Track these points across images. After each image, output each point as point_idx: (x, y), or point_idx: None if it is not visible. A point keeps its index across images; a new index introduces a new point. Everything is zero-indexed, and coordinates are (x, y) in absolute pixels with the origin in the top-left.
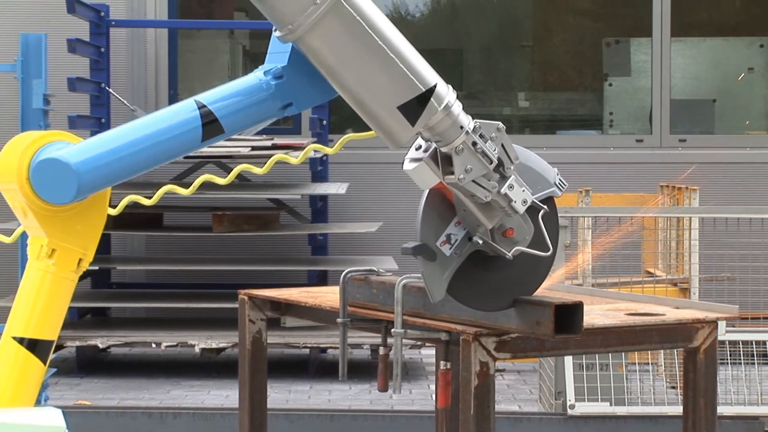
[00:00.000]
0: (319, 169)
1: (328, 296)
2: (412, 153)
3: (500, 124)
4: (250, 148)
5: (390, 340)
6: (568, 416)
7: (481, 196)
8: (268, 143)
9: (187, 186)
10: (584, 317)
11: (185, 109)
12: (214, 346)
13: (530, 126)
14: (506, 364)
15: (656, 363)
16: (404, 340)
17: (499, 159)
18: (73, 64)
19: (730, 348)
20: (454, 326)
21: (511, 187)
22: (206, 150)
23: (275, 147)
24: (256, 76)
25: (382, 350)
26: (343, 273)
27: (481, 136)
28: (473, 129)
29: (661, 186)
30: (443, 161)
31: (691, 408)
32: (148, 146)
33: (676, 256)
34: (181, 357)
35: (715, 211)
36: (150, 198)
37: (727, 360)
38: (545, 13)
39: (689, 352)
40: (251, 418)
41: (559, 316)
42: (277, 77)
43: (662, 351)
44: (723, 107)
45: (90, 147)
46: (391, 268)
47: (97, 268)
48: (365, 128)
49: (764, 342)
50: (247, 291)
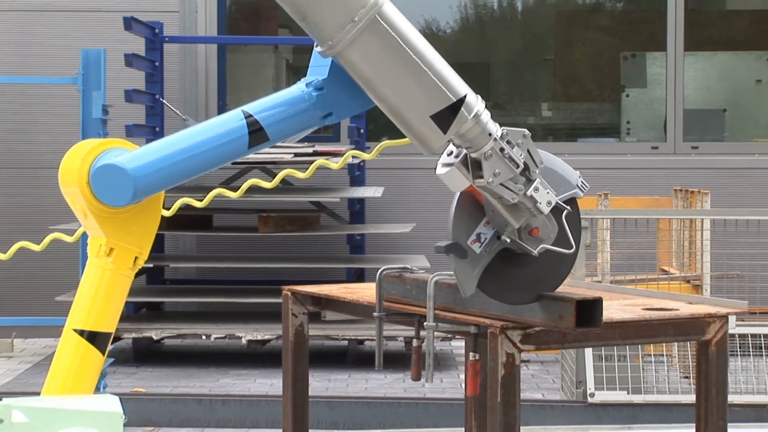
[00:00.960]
0: (356, 174)
1: (365, 292)
2: (444, 158)
3: (526, 131)
4: (293, 155)
5: (422, 333)
6: (588, 404)
7: (508, 198)
8: (310, 150)
9: (236, 189)
10: (603, 312)
11: (233, 119)
12: (259, 337)
13: (553, 134)
14: (530, 355)
15: (670, 354)
16: (436, 333)
17: (525, 163)
18: (129, 77)
19: (739, 341)
20: (483, 320)
21: (536, 190)
22: (252, 156)
23: (316, 153)
24: (299, 87)
25: (415, 342)
26: (379, 270)
27: (508, 142)
28: (501, 136)
29: (675, 190)
30: (473, 166)
31: (703, 396)
32: (199, 153)
33: (689, 255)
34: (229, 348)
35: (726, 213)
36: (201, 200)
37: (737, 352)
38: (567, 29)
39: (701, 345)
40: (294, 404)
41: (580, 311)
42: (318, 89)
43: (676, 343)
44: (732, 116)
45: (145, 153)
46: (423, 266)
47: (151, 265)
48: (400, 136)
49: None
50: (290, 287)
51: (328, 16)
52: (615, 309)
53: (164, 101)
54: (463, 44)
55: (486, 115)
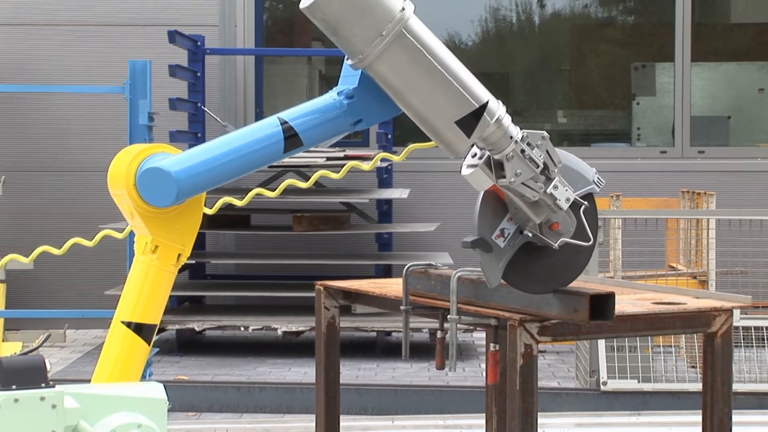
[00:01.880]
0: (384, 177)
1: (392, 287)
2: (469, 160)
3: (545, 133)
4: (325, 159)
5: (446, 325)
6: (601, 392)
7: (529, 195)
8: (341, 154)
9: (273, 190)
10: (615, 306)
11: (269, 125)
12: (294, 329)
13: (568, 139)
14: (547, 346)
15: (678, 345)
16: (458, 325)
17: (544, 163)
18: (173, 87)
19: (743, 333)
20: (502, 313)
21: (555, 188)
22: (287, 160)
23: (347, 157)
24: (331, 96)
25: (439, 334)
26: (406, 267)
27: (528, 144)
28: (521, 138)
29: (683, 191)
30: (496, 167)
31: (709, 385)
32: (238, 157)
33: (696, 252)
34: (265, 339)
35: (730, 213)
36: (241, 200)
37: (741, 343)
38: (581, 42)
39: (708, 337)
40: (326, 391)
41: (593, 305)
42: (348, 97)
43: (684, 335)
44: (737, 123)
45: (188, 157)
46: (447, 262)
47: (193, 261)
48: (426, 140)
49: None
50: (323, 282)
51: (358, 31)
52: (626, 303)
53: (205, 109)
54: (483, 56)
55: (507, 120)
